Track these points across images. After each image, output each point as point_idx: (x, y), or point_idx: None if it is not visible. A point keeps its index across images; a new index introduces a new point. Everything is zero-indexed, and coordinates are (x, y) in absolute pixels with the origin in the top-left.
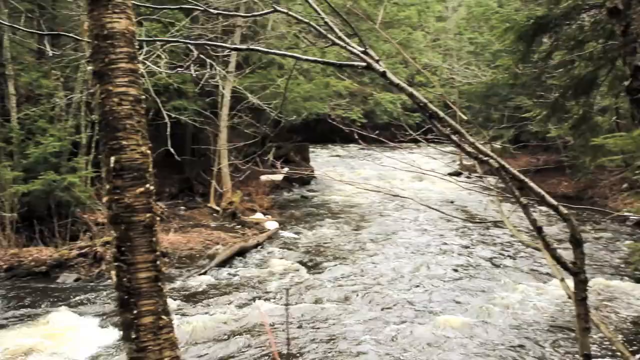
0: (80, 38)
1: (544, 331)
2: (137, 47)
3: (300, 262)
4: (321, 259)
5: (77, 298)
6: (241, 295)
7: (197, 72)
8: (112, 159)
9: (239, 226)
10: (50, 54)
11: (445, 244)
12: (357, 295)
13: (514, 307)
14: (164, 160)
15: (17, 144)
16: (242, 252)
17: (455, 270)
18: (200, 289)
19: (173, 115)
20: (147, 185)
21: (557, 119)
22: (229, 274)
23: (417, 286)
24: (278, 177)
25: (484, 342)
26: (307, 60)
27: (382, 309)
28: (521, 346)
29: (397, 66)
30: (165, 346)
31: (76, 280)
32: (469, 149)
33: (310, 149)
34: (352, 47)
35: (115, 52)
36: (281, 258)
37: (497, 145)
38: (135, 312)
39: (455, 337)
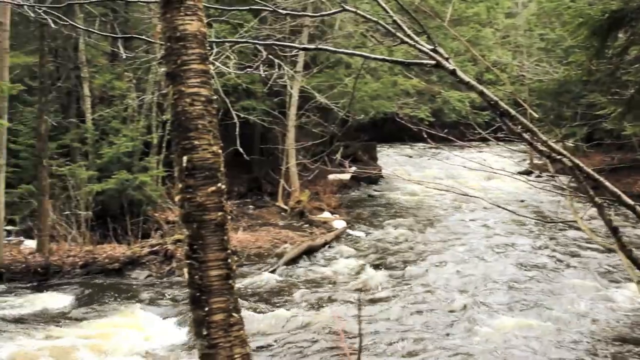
0: (152, 40)
1: (615, 338)
2: (208, 48)
3: (368, 262)
4: (389, 258)
5: (149, 294)
6: (310, 294)
7: (265, 73)
8: (185, 158)
9: (307, 225)
10: (124, 57)
11: (515, 244)
12: (424, 295)
13: (585, 312)
14: (233, 159)
15: (91, 144)
16: (310, 251)
17: (525, 272)
18: (269, 287)
19: (242, 115)
20: (219, 185)
21: (633, 116)
22: (297, 272)
23: (485, 287)
24: (346, 177)
25: (550, 347)
26: (375, 59)
27: (449, 310)
28: (592, 353)
29: (465, 64)
30: (235, 343)
31: (147, 277)
32: (541, 148)
33: (378, 148)
34: (421, 45)
35: (187, 54)
36: (349, 257)
37: (570, 143)
38: (206, 309)
39: (521, 340)
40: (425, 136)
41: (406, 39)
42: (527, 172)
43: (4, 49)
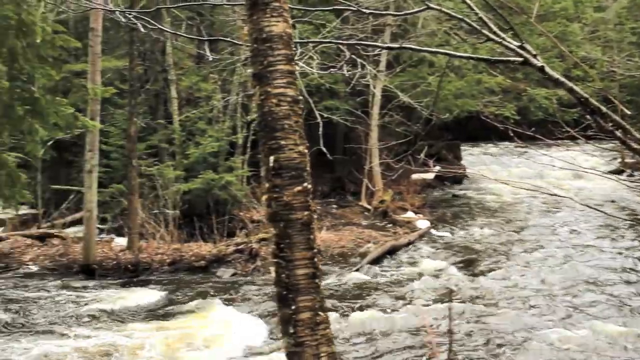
0: (237, 42)
1: None
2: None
3: (452, 262)
4: (473, 259)
5: (234, 292)
6: (393, 293)
7: (349, 72)
8: (271, 158)
9: (390, 225)
10: (210, 59)
11: (605, 245)
12: (510, 296)
13: None
14: (316, 159)
15: (178, 144)
16: (393, 251)
17: (616, 274)
18: (352, 287)
19: (325, 115)
20: (305, 184)
21: None
22: (381, 272)
23: (573, 289)
24: (429, 176)
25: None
26: (459, 57)
27: (536, 312)
28: None
29: (552, 60)
30: (322, 342)
31: (233, 275)
32: (634, 145)
33: (462, 147)
34: (508, 42)
35: (273, 55)
36: (432, 257)
37: None
38: (293, 307)
39: (613, 346)
40: (512, 134)
41: (492, 36)
42: (619, 171)
43: (96, 54)
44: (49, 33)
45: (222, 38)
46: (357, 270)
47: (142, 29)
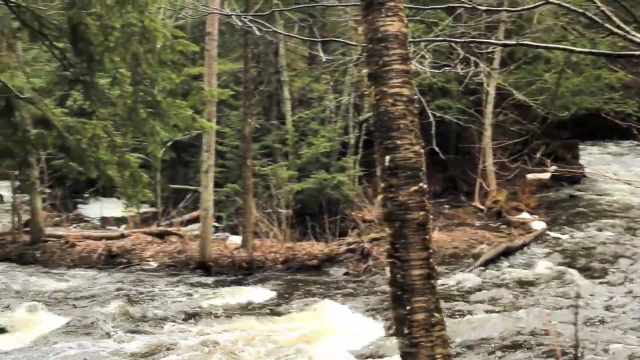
0: (350, 42)
1: None
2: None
3: (570, 265)
4: (592, 262)
5: (346, 291)
6: (508, 296)
7: (463, 71)
8: (387, 158)
9: (504, 226)
10: (323, 59)
11: None
12: (636, 305)
13: None
14: (428, 158)
15: (291, 145)
16: (507, 252)
17: None
18: (466, 288)
19: (437, 114)
20: (421, 184)
21: None
22: (495, 273)
23: None
24: (545, 176)
25: None
26: (579, 52)
27: None
28: None
29: None
30: (437, 343)
31: (345, 274)
32: None
33: (580, 146)
34: (633, 35)
35: (388, 54)
36: (549, 260)
37: None
38: (408, 308)
39: None
40: (635, 132)
41: (615, 30)
42: None
43: (212, 57)
44: (169, 38)
45: (334, 39)
46: (470, 271)
47: (257, 32)
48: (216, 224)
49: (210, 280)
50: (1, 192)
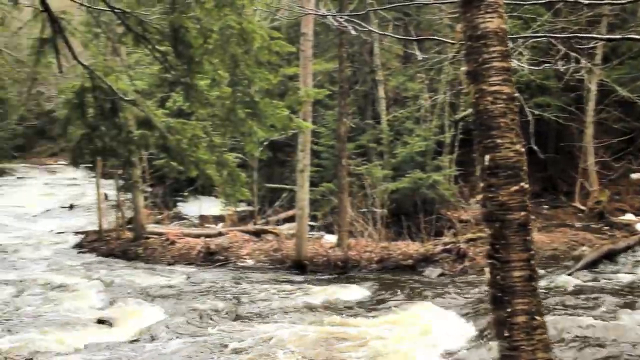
0: (445, 40)
1: None
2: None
3: None
4: None
5: (441, 292)
6: (610, 301)
7: (564, 67)
8: (487, 157)
9: (607, 227)
10: (420, 58)
11: None
12: None
13: None
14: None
15: (386, 144)
16: (610, 255)
17: None
18: (567, 291)
19: (536, 113)
20: (522, 184)
21: None
22: (597, 277)
23: None
24: None
25: None
26: None
27: None
28: None
29: None
30: (538, 347)
31: (440, 275)
32: None
33: None
34: None
35: (488, 52)
36: None
37: None
38: (508, 310)
39: None
40: None
41: None
42: None
43: (307, 57)
44: (267, 39)
45: (430, 37)
46: (570, 274)
47: (352, 32)
48: (311, 223)
49: (305, 278)
50: (106, 191)
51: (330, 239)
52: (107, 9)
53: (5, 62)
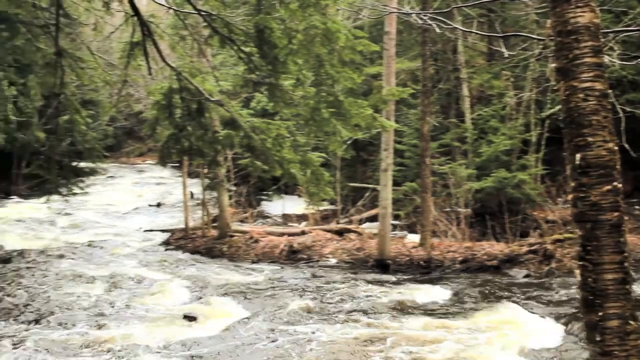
0: (533, 36)
1: None
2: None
3: None
4: None
5: (527, 294)
6: None
7: None
8: (578, 155)
9: None
10: (505, 55)
11: None
12: None
13: None
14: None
15: (470, 143)
16: None
17: None
18: None
19: (627, 109)
20: (615, 183)
21: None
22: None
23: None
24: None
25: None
26: None
27: None
28: None
29: None
30: (632, 353)
31: (526, 276)
32: None
33: None
34: None
35: (579, 47)
36: None
37: None
38: (600, 314)
39: None
40: None
41: None
42: None
43: (391, 56)
44: (351, 39)
45: (516, 34)
46: None
47: (437, 29)
48: (394, 222)
49: (388, 278)
50: (192, 190)
51: (413, 238)
52: (194, 11)
53: (98, 66)
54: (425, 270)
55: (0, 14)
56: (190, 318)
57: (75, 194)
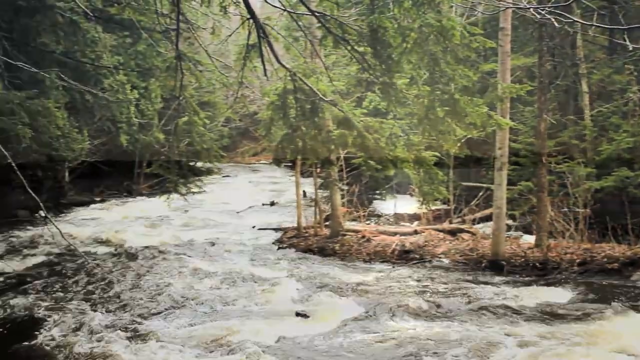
0: None
1: None
2: None
3: None
4: None
5: None
6: None
7: None
8: None
9: None
10: (630, 48)
11: None
12: None
13: None
14: None
15: (589, 141)
16: None
17: None
18: None
19: None
20: None
21: None
22: None
23: None
24: None
25: None
26: None
27: None
28: None
29: None
30: None
31: None
32: None
33: None
34: None
35: None
36: None
37: None
38: None
39: None
40: None
41: None
42: None
43: (506, 53)
44: (467, 36)
45: None
46: None
47: (555, 24)
48: (509, 222)
49: (502, 279)
50: (305, 189)
51: (529, 239)
52: (308, 12)
53: (215, 68)
54: (541, 272)
55: (125, 22)
56: (301, 315)
57: (193, 192)
